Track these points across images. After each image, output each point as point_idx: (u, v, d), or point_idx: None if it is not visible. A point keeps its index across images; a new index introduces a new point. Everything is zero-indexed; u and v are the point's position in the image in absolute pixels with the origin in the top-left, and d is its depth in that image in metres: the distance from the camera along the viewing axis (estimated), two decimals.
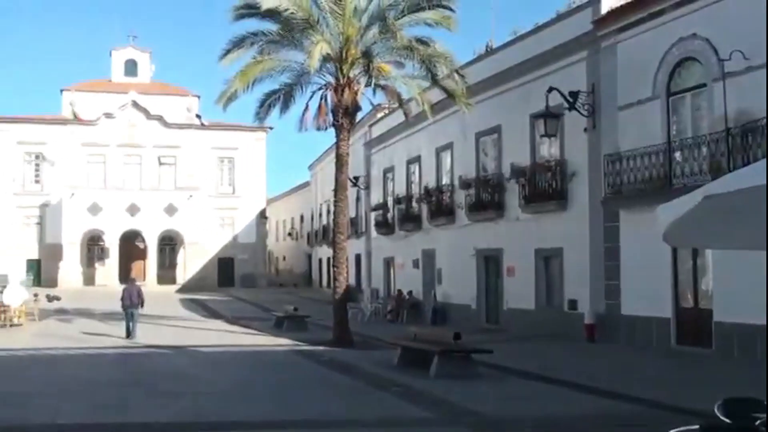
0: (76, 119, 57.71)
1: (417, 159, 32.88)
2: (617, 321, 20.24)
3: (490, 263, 26.87)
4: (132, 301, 22.71)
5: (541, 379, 15.08)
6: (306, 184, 64.45)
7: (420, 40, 21.90)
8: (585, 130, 21.33)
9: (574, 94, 20.91)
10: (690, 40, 17.95)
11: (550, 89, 20.81)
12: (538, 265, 23.84)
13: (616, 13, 20.47)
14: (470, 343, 16.48)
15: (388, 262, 36.64)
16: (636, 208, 18.81)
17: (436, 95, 24.00)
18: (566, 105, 21.01)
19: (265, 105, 23.73)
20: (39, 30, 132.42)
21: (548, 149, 23.43)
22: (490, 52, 28.95)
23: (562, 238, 22.42)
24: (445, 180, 30.12)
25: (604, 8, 20.88)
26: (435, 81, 22.24)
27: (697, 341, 17.73)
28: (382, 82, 22.71)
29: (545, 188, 23.12)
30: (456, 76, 22.07)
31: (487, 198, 26.38)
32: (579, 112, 20.98)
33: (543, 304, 23.63)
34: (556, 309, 22.84)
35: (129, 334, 22.64)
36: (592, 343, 20.61)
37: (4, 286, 28.63)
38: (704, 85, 17.73)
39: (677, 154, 18.15)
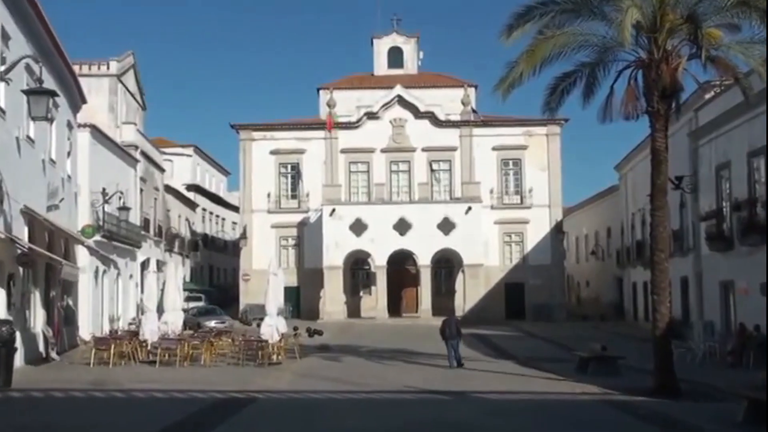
0: (333, 122, 61.01)
1: (763, 150, 31.15)
2: None
3: None
4: (451, 332, 28.44)
5: None
6: (613, 189, 63.49)
7: None
8: None
9: None
10: None
11: None
12: None
13: None
14: None
15: (726, 287, 35.07)
16: None
17: None
18: None
19: (557, 91, 23.79)
20: (295, 23, 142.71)
21: None
22: None
23: None
24: None
25: None
26: None
27: None
28: (711, 53, 21.80)
29: None
30: None
31: None
32: None
33: None
34: None
35: (452, 363, 27.98)
36: None
37: (261, 319, 31.10)
38: None
39: None
